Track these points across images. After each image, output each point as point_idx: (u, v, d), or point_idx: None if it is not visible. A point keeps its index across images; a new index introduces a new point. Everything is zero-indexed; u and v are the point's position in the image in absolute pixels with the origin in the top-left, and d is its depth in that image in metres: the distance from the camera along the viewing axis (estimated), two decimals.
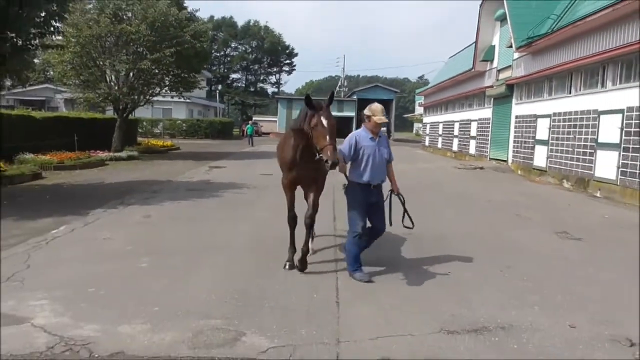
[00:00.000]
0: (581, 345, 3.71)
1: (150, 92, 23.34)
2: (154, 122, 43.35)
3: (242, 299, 4.58)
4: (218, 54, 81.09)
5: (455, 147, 28.54)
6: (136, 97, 22.38)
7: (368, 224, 5.31)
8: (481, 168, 19.73)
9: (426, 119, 39.46)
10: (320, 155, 4.75)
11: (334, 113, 5.05)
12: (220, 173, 16.61)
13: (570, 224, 8.54)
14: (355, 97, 58.77)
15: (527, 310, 4.39)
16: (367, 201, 5.24)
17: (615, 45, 12.31)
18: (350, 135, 5.42)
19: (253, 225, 7.96)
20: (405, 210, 5.48)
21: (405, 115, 77.51)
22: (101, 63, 20.45)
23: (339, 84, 76.95)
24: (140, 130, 40.50)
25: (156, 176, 14.95)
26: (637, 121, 11.33)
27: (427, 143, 37.25)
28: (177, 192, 11.68)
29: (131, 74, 21.16)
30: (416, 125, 72.51)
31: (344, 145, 5.29)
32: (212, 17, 71.53)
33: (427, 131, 37.81)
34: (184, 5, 23.27)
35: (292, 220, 5.73)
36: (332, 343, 3.70)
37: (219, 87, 73.49)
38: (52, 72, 20.53)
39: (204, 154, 25.54)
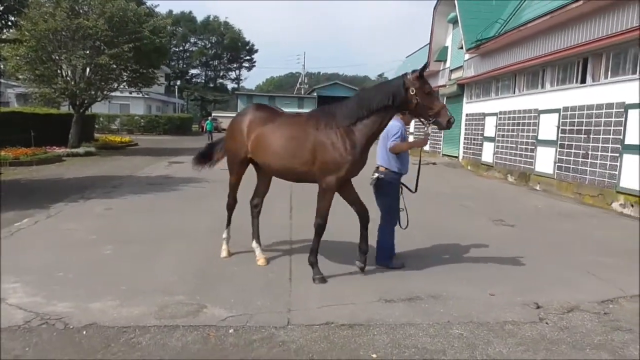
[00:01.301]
0: (496, 309, 4.37)
1: (108, 87, 23.14)
2: (111, 117, 42.58)
3: (202, 278, 5.04)
4: (177, 49, 79.92)
5: None
6: (93, 92, 22.14)
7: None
8: (434, 163, 20.62)
9: None
10: (432, 120, 4.83)
11: (294, 109, 5.50)
12: (179, 168, 16.75)
13: (507, 213, 9.35)
14: (315, 94, 59.37)
15: (456, 284, 5.03)
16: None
17: (553, 50, 13.31)
18: (394, 124, 5.38)
19: (213, 216, 8.28)
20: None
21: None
22: (57, 58, 20.17)
23: (300, 80, 77.43)
24: (97, 126, 39.66)
25: (115, 171, 15.03)
26: (572, 120, 12.33)
27: None
28: (138, 186, 11.89)
29: (88, 69, 20.96)
30: None
31: (398, 133, 5.43)
32: (170, 11, 70.29)
33: None
34: (143, 0, 23.16)
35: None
36: (284, 311, 4.22)
37: (178, 82, 72.45)
38: (1, 66, 19.97)
39: (163, 150, 25.47)
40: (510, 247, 6.68)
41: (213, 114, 67.11)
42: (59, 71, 20.57)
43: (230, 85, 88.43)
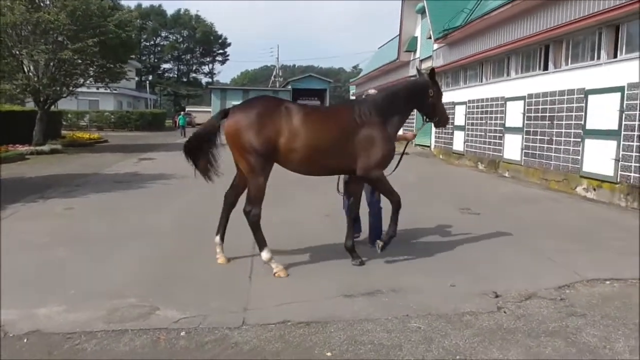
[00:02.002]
0: (456, 299, 4.32)
1: (73, 83, 22.48)
2: (79, 114, 41.60)
3: (159, 279, 4.85)
4: (147, 44, 78.34)
5: None
6: (58, 88, 21.47)
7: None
8: (406, 153, 20.60)
9: None
10: (436, 119, 5.52)
11: None
12: (149, 165, 16.42)
13: (474, 201, 9.38)
14: (289, 86, 58.97)
15: (418, 275, 4.96)
16: None
17: (516, 38, 13.38)
18: None
19: (179, 214, 8.14)
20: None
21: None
22: (17, 53, 19.46)
23: (274, 73, 76.87)
24: (65, 122, 38.69)
25: (81, 169, 14.61)
26: (536, 107, 12.44)
27: None
28: (103, 184, 11.55)
29: (51, 64, 20.29)
30: None
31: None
32: (139, 5, 69.06)
33: None
34: None
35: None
36: (239, 311, 4.08)
37: (150, 77, 71.15)
38: None
39: (133, 146, 24.96)
40: (475, 235, 6.65)
41: (187, 109, 66.26)
42: (20, 67, 19.85)
43: (204, 80, 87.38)
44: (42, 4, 19.70)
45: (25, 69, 20.15)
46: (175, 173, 13.45)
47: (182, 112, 43.13)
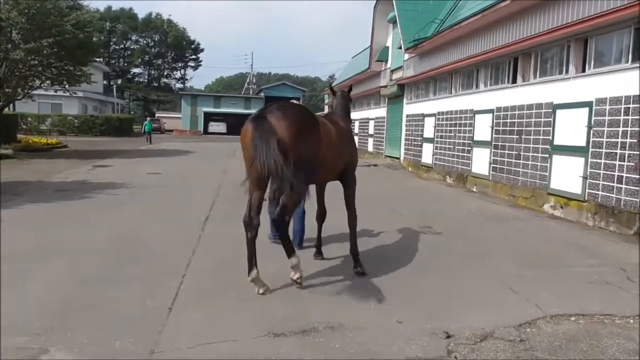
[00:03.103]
0: (400, 340, 3.76)
1: (29, 85, 21.43)
2: (40, 117, 39.97)
3: (64, 309, 4.18)
4: (117, 47, 76.81)
5: (356, 145, 29.13)
6: (10, 90, 20.39)
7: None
8: (375, 165, 20.29)
9: None
10: None
11: (241, 110, 5.20)
12: (103, 172, 15.58)
13: (437, 218, 8.91)
14: (262, 94, 58.39)
15: (362, 309, 4.40)
16: None
17: (485, 49, 13.13)
18: None
19: (115, 229, 7.44)
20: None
21: (317, 114, 78.41)
22: None
23: (248, 80, 76.19)
24: (24, 126, 37.24)
25: (27, 176, 13.69)
26: (504, 120, 12.14)
27: None
28: (43, 194, 10.72)
29: (3, 64, 19.25)
30: None
31: None
32: (109, 7, 67.58)
33: None
34: None
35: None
36: (145, 353, 3.45)
37: (119, 81, 69.46)
38: None
39: (93, 152, 23.94)
40: (432, 259, 6.17)
41: (157, 115, 64.99)
42: None
43: (178, 85, 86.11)
44: None
45: None
46: (126, 182, 12.75)
47: (148, 118, 41.92)
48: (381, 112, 24.04)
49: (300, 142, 4.41)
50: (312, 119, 4.84)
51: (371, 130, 25.85)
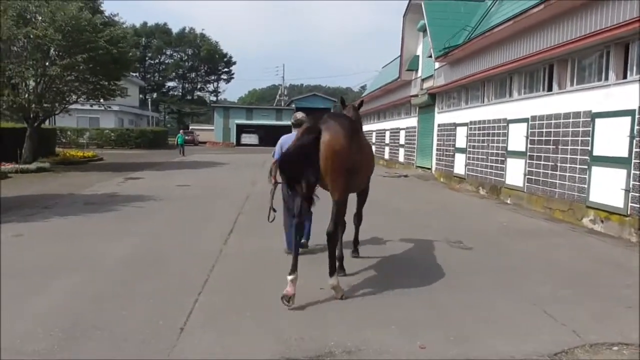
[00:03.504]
0: None
1: (66, 100, 22.08)
2: (79, 131, 41.32)
3: (72, 329, 4.09)
4: (152, 62, 78.84)
5: (386, 156, 28.90)
6: (48, 105, 21.04)
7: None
8: (406, 176, 19.95)
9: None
10: None
11: (272, 122, 10.35)
12: (133, 185, 15.82)
13: (467, 232, 8.56)
14: (293, 105, 58.70)
15: (383, 330, 4.16)
16: None
17: (518, 57, 12.70)
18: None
19: (138, 242, 7.43)
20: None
21: None
22: (6, 69, 19.07)
23: (279, 92, 76.85)
24: (63, 140, 38.55)
25: (59, 189, 14.00)
26: (540, 130, 11.67)
27: None
28: (72, 206, 10.89)
29: (41, 80, 19.90)
30: None
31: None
32: (145, 23, 69.60)
33: None
34: (101, 9, 22.23)
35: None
36: None
37: (154, 95, 71.18)
38: None
39: (127, 165, 24.45)
40: (461, 276, 5.84)
41: (191, 127, 66.22)
42: (7, 83, 19.44)
43: (212, 98, 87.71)
44: (33, 19, 19.38)
45: (12, 86, 19.74)
46: (155, 195, 12.85)
47: (181, 131, 42.66)
48: (412, 121, 23.70)
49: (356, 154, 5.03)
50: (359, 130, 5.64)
51: (402, 140, 25.50)
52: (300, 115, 6.90)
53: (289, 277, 4.73)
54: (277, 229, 6.95)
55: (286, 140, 6.58)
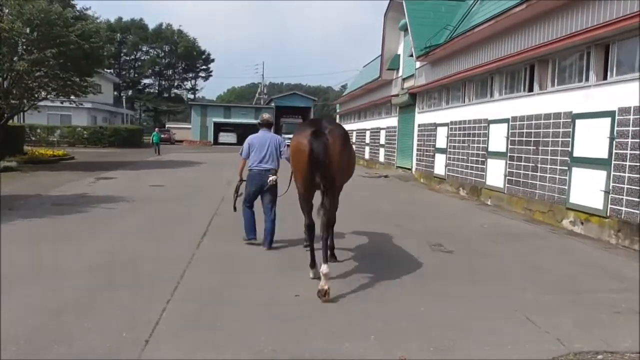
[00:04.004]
0: None
1: (34, 96, 21.45)
2: (50, 129, 40.26)
3: (28, 345, 3.82)
4: (128, 58, 77.61)
5: (367, 155, 28.86)
6: (15, 102, 20.39)
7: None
8: (386, 176, 19.91)
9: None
10: None
11: (251, 120, 9.92)
12: (105, 185, 15.40)
13: (448, 235, 8.50)
14: (273, 104, 58.43)
15: (362, 341, 4.00)
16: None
17: (499, 56, 12.72)
18: (279, 137, 7.42)
19: (106, 247, 7.14)
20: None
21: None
22: None
23: (259, 91, 76.39)
24: (33, 138, 37.58)
25: (26, 190, 13.51)
26: (520, 130, 11.69)
27: None
28: (39, 208, 10.49)
29: (8, 76, 19.26)
30: None
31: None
32: (120, 18, 68.43)
33: None
34: (72, 2, 21.66)
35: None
36: None
37: (130, 92, 70.03)
38: None
39: (99, 164, 23.89)
40: (442, 282, 5.74)
41: (167, 126, 65.33)
42: None
43: (189, 96, 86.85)
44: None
45: None
46: (126, 196, 12.50)
47: (156, 129, 41.95)
48: (392, 121, 23.69)
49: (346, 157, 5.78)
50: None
51: (382, 140, 25.48)
52: (267, 115, 7.58)
53: (312, 270, 5.66)
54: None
55: (253, 140, 7.19)
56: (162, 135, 41.25)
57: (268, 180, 6.97)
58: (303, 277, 5.69)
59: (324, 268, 5.03)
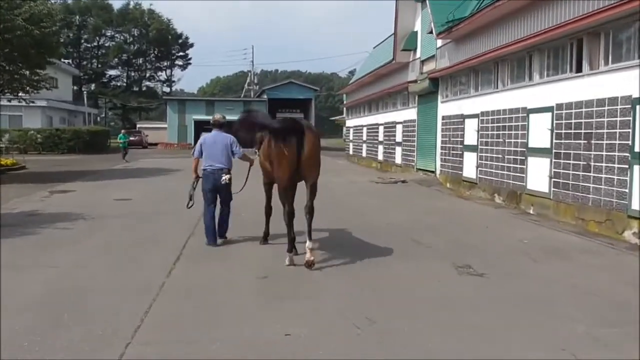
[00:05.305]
0: None
1: None
2: None
3: None
4: (89, 45, 78.22)
5: (380, 157, 28.84)
6: None
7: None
8: (403, 181, 19.83)
9: (349, 122, 39.87)
10: None
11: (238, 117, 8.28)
12: (61, 199, 15.45)
13: (479, 253, 8.45)
14: (265, 96, 58.61)
15: None
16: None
17: (539, 30, 12.61)
18: (230, 135, 8.90)
19: (56, 275, 7.15)
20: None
21: (333, 118, 78.04)
22: None
23: (248, 80, 76.75)
24: None
25: None
26: (568, 121, 11.57)
27: (351, 151, 37.50)
28: None
29: None
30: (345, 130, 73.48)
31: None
32: None
33: (351, 137, 38.11)
34: None
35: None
36: None
37: (92, 86, 70.61)
38: None
39: (55, 175, 23.99)
40: (470, 312, 5.67)
41: (138, 126, 65.67)
42: None
43: (164, 89, 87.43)
44: None
45: None
46: (86, 212, 12.51)
47: (122, 130, 42.12)
48: (410, 113, 23.65)
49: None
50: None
51: (399, 137, 25.42)
52: (218, 116, 9.23)
53: (289, 255, 7.51)
54: (235, 255, 7.91)
55: (206, 140, 8.87)
56: (132, 138, 41.42)
57: (221, 180, 8.59)
58: (293, 309, 5.67)
59: (309, 243, 7.22)
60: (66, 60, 63.23)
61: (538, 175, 12.83)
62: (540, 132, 12.79)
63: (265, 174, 8.55)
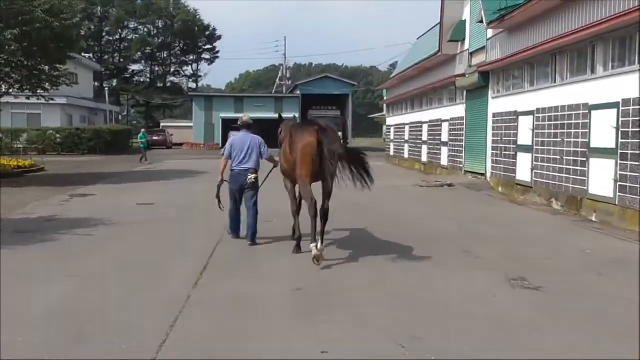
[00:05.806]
0: None
1: None
2: (14, 133, 41.62)
3: None
4: (111, 38, 79.83)
5: (424, 158, 28.73)
6: None
7: None
8: (450, 185, 19.76)
9: (390, 120, 39.83)
10: None
11: (270, 115, 10.82)
12: (81, 204, 15.81)
13: (535, 265, 8.39)
14: (298, 92, 58.85)
15: None
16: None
17: (604, 17, 12.41)
18: (259, 138, 9.95)
19: (75, 287, 7.27)
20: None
21: (372, 116, 77.86)
22: None
23: (280, 75, 77.21)
24: None
25: None
26: (636, 118, 11.33)
27: (392, 152, 37.43)
28: None
29: None
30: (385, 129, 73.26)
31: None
32: None
33: (392, 136, 38.04)
34: None
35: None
36: None
37: (114, 82, 72.04)
38: None
39: (75, 177, 24.59)
40: (524, 331, 5.62)
41: (162, 124, 66.72)
42: None
43: (190, 85, 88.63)
44: None
45: None
46: (106, 217, 12.75)
47: (143, 129, 42.71)
48: (458, 110, 23.57)
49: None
50: None
51: (445, 137, 25.31)
52: (245, 117, 10.31)
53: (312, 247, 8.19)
54: (266, 264, 8.04)
55: (236, 140, 9.80)
56: (155, 137, 42.08)
57: (247, 179, 9.46)
58: (330, 324, 5.70)
59: (320, 246, 8.06)
60: (87, 55, 64.68)
61: (601, 179, 12.66)
62: (604, 131, 12.61)
63: (287, 174, 9.22)
